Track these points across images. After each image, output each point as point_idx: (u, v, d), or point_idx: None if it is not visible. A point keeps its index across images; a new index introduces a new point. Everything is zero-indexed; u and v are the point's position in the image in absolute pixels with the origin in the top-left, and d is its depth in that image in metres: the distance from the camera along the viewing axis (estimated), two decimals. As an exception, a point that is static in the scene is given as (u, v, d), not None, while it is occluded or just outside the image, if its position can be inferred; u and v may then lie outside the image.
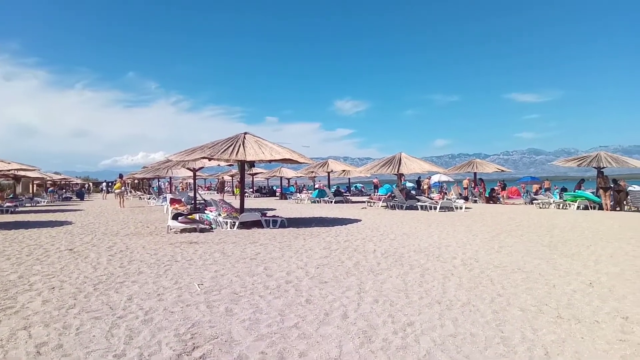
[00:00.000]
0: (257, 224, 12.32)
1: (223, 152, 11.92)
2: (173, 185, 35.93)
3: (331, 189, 28.06)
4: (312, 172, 31.68)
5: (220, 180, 43.67)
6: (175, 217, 11.95)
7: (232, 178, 44.57)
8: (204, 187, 57.69)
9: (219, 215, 12.39)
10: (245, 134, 12.95)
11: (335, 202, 25.26)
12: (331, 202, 25.50)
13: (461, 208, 18.66)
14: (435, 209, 18.21)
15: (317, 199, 26.56)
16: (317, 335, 3.88)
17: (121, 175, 29.28)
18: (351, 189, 39.61)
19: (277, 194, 37.75)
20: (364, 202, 23.73)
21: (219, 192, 38.91)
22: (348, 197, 28.81)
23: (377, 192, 27.97)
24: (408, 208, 19.24)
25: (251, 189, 41.08)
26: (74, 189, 50.66)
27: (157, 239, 10.03)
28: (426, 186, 30.61)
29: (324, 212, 18.19)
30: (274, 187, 42.55)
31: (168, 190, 31.73)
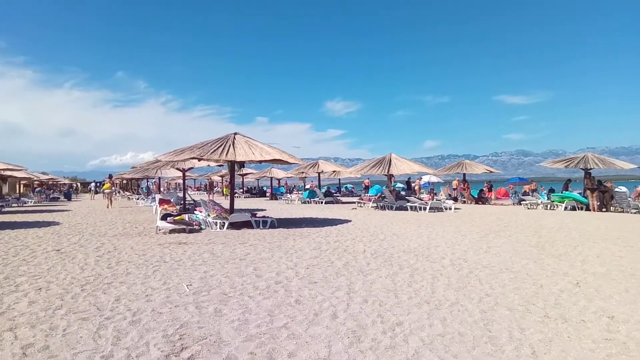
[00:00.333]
0: (247, 225, 12.28)
1: (213, 152, 11.87)
2: (162, 185, 35.69)
3: (321, 190, 28.06)
4: (303, 172, 31.66)
5: (209, 181, 43.48)
6: (164, 218, 11.88)
7: (221, 178, 44.41)
8: (194, 188, 57.38)
9: (208, 215, 12.34)
10: (235, 134, 12.90)
11: (326, 203, 25.26)
12: (321, 202, 25.50)
13: (450, 209, 18.75)
14: (425, 209, 18.29)
15: (308, 199, 26.55)
16: (306, 336, 3.88)
17: (111, 176, 29.05)
18: (341, 189, 39.65)
19: (267, 194, 37.66)
20: (354, 202, 23.77)
21: (208, 193, 38.73)
22: (338, 198, 28.83)
23: (368, 193, 28.06)
24: (398, 209, 19.30)
25: (241, 190, 40.94)
26: (61, 189, 50.13)
27: (145, 239, 9.96)
28: (417, 187, 30.73)
29: (314, 213, 18.18)
30: (264, 188, 42.43)
31: (156, 191, 31.53)
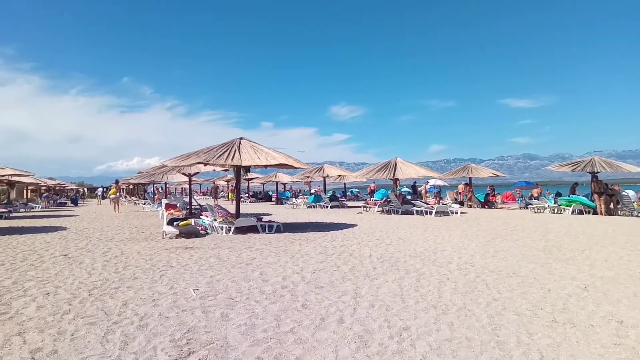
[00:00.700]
0: (252, 229, 12.30)
1: (219, 157, 11.92)
2: (168, 191, 35.82)
3: (327, 194, 28.07)
4: (308, 177, 31.70)
5: (214, 186, 43.66)
6: (170, 223, 11.92)
7: (227, 183, 44.55)
8: (200, 192, 57.56)
9: (214, 220, 12.37)
10: (240, 139, 12.95)
11: (331, 207, 25.26)
12: (327, 207, 25.50)
13: (456, 213, 18.70)
14: (431, 213, 18.24)
15: (313, 203, 26.56)
16: (313, 340, 3.87)
17: (117, 181, 29.23)
18: (347, 193, 39.64)
19: (272, 198, 37.72)
20: (360, 207, 23.74)
21: (213, 197, 38.87)
22: (344, 202, 28.82)
23: (374, 197, 28.03)
24: (404, 213, 19.26)
25: (247, 194, 41.04)
26: (68, 194, 50.44)
27: (152, 244, 10.00)
28: (424, 191, 30.68)
29: (320, 217, 18.18)
30: (270, 192, 42.53)
31: (163, 195, 31.66)
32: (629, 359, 3.51)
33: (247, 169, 13.37)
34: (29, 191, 41.88)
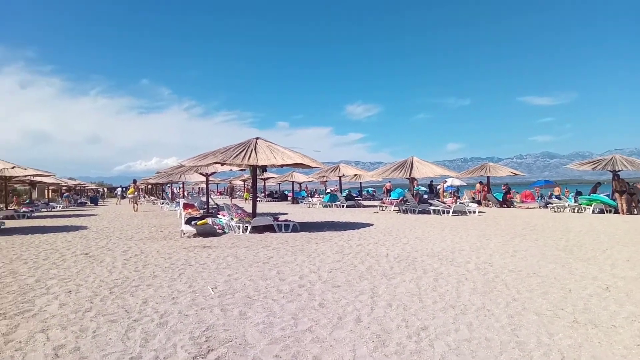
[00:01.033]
0: (269, 228, 12.36)
1: (235, 157, 12.00)
2: (186, 190, 36.20)
3: (343, 193, 28.03)
4: (324, 176, 31.71)
5: (230, 186, 44.03)
6: (188, 222, 12.04)
7: (243, 183, 44.85)
8: (216, 192, 58.05)
9: (231, 219, 12.46)
10: (257, 139, 13.02)
11: (347, 207, 25.22)
12: (343, 206, 25.47)
13: (474, 212, 18.52)
14: (448, 213, 18.09)
15: (329, 203, 26.56)
16: (330, 339, 3.88)
17: (135, 181, 29.68)
18: (363, 193, 39.55)
19: (288, 198, 37.85)
20: (376, 206, 23.66)
21: (230, 197, 39.19)
22: (360, 201, 28.76)
23: (390, 197, 27.92)
24: (420, 212, 19.13)
25: (263, 193, 41.25)
26: (88, 194, 51.33)
27: (170, 243, 10.12)
28: (441, 190, 30.45)
29: (336, 216, 18.18)
30: (286, 192, 42.67)
31: (179, 195, 32.04)
32: (654, 360, 3.44)
33: (264, 168, 13.44)
34: (50, 191, 42.77)
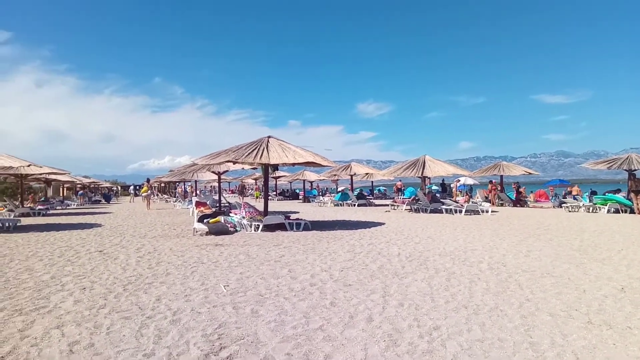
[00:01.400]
0: (280, 227, 12.39)
1: (247, 155, 12.05)
2: (198, 189, 36.44)
3: (354, 192, 27.99)
4: (335, 175, 31.69)
5: (241, 184, 44.26)
6: (200, 220, 12.12)
7: (255, 181, 45.03)
8: (228, 190, 58.35)
9: (243, 218, 12.51)
10: (269, 137, 13.06)
11: (358, 205, 25.18)
12: (354, 205, 25.44)
13: (487, 211, 18.37)
14: (461, 212, 17.97)
15: (340, 201, 26.53)
16: (342, 338, 3.88)
17: (148, 179, 29.98)
18: (374, 192, 39.44)
19: (300, 197, 37.90)
20: (387, 205, 23.59)
21: (240, 195, 39.40)
22: (371, 200, 28.69)
23: (403, 195, 27.77)
24: (432, 211, 19.02)
25: (274, 192, 41.36)
26: (102, 192, 51.93)
27: (183, 241, 10.20)
28: (454, 189, 30.26)
29: (347, 215, 18.17)
30: (297, 190, 42.73)
31: (191, 194, 32.28)
32: (671, 363, 3.39)
33: (275, 167, 13.47)
34: (65, 189, 43.33)
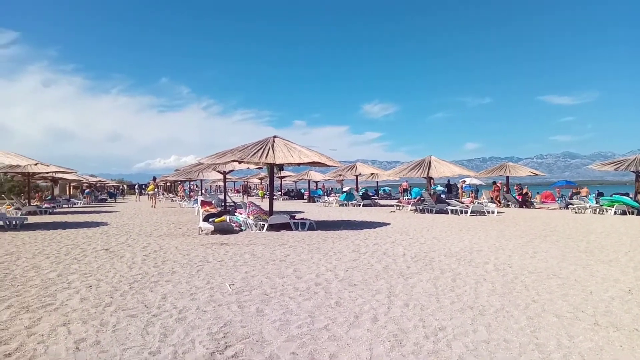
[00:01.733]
0: (285, 226, 12.40)
1: (253, 155, 12.07)
2: (203, 188, 36.53)
3: (359, 192, 27.97)
4: (340, 175, 31.67)
5: (244, 184, 44.40)
6: (206, 219, 12.16)
7: (260, 181, 45.08)
8: (233, 190, 58.48)
9: (248, 217, 12.53)
10: (274, 137, 13.07)
11: (364, 206, 25.15)
12: (359, 205, 25.41)
13: (493, 212, 18.30)
14: (466, 213, 17.91)
15: (345, 202, 26.52)
16: (347, 338, 3.88)
17: (154, 178, 30.13)
18: (379, 192, 39.38)
19: (305, 196, 37.91)
20: (392, 205, 23.55)
21: (244, 195, 39.50)
22: (376, 201, 28.65)
23: (409, 196, 27.71)
24: (438, 212, 18.98)
25: (279, 192, 41.39)
26: (108, 190, 52.21)
27: (189, 240, 10.23)
28: (461, 189, 30.17)
29: (352, 215, 18.15)
30: (302, 190, 42.73)
31: (197, 193, 32.39)
32: (679, 366, 3.36)
33: (280, 167, 13.49)
34: (72, 188, 43.57)
